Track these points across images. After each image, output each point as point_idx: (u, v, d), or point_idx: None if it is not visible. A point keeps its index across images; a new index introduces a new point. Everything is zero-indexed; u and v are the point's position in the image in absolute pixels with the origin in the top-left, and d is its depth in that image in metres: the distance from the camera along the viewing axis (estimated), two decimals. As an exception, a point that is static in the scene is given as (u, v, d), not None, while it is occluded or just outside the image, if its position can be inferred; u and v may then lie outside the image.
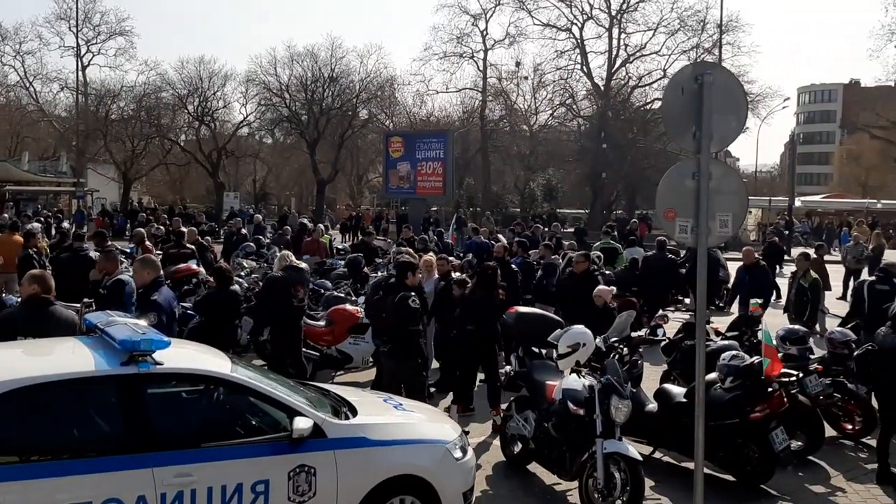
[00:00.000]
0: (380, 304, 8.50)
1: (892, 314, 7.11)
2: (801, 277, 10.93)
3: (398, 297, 7.95)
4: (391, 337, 8.05)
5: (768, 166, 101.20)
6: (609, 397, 6.27)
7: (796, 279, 11.01)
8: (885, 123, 61.16)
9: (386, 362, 8.34)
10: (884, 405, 7.27)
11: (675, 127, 6.03)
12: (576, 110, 47.24)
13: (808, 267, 11.33)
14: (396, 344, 7.95)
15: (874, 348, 7.11)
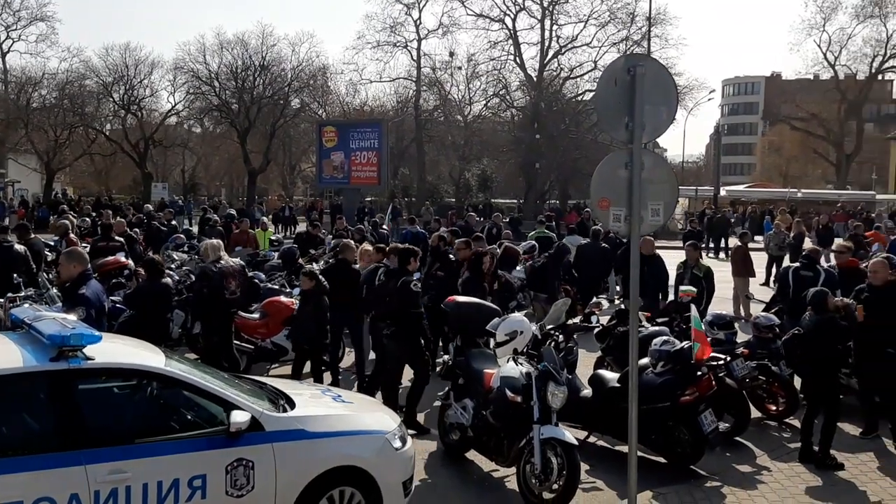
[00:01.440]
0: (382, 290, 8.75)
1: (810, 299, 7.40)
2: (695, 267, 11.23)
3: (401, 282, 8.32)
4: (395, 320, 8.25)
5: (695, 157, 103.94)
6: (546, 384, 6.36)
7: (688, 269, 11.26)
8: (804, 115, 63.51)
9: (389, 345, 8.44)
10: (808, 387, 7.58)
11: (608, 118, 6.13)
12: (509, 101, 47.57)
13: (698, 256, 11.61)
14: (400, 327, 8.21)
15: (800, 332, 7.40)
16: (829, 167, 65.46)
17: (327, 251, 14.41)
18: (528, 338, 7.08)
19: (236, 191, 62.79)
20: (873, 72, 57.84)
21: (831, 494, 6.52)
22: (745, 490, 6.59)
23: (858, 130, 61.03)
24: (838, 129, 59.94)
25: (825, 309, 7.30)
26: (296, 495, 5.19)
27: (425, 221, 22.87)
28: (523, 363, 6.76)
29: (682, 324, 9.03)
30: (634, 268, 6.09)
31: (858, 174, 70.77)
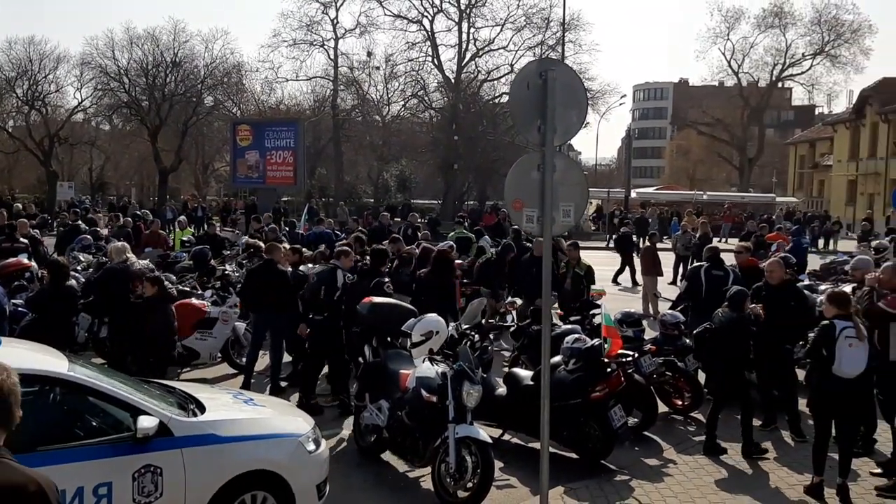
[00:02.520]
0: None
1: (731, 296, 7.68)
2: (576, 266, 11.55)
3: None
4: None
5: (607, 160, 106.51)
6: (461, 383, 6.42)
7: (570, 268, 11.57)
8: (710, 120, 65.95)
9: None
10: (717, 383, 7.88)
11: (521, 120, 6.24)
12: (427, 102, 47.73)
13: (579, 256, 11.93)
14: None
15: (712, 327, 7.67)
16: (733, 170, 68.11)
17: (240, 252, 14.16)
18: (444, 338, 7.14)
19: (147, 190, 60.86)
20: (774, 79, 60.52)
21: (733, 485, 6.80)
22: (652, 483, 6.80)
23: (760, 135, 63.78)
24: (741, 134, 62.49)
25: (741, 308, 7.60)
26: (207, 501, 5.10)
27: (341, 222, 22.71)
28: (439, 363, 6.81)
29: (592, 321, 9.26)
30: (546, 267, 6.21)
31: (760, 177, 73.88)
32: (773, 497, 6.54)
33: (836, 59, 57.29)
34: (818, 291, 10.16)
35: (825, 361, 6.30)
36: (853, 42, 56.56)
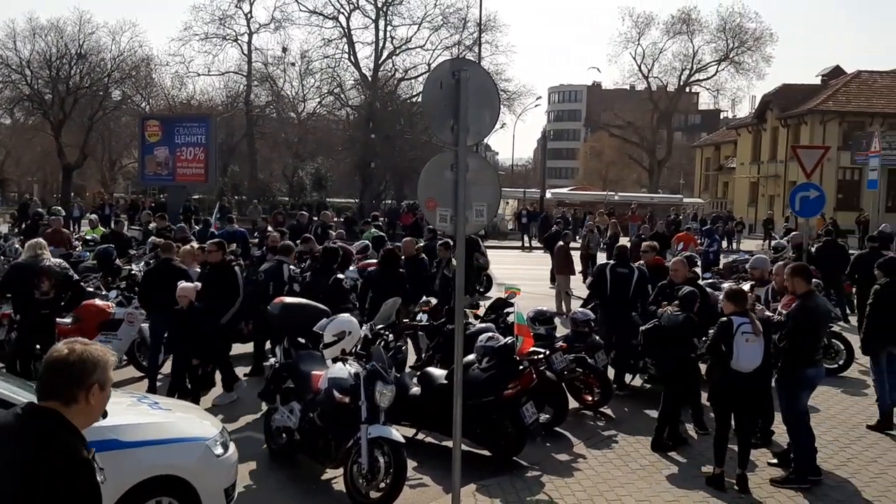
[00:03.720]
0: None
1: (682, 296, 7.82)
2: (445, 267, 11.71)
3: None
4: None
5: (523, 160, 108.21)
6: (374, 384, 6.39)
7: (440, 268, 11.74)
8: (621, 123, 67.79)
9: None
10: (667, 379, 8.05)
11: (434, 119, 6.24)
12: (344, 99, 47.41)
13: (450, 256, 11.99)
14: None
15: (660, 325, 7.80)
16: (644, 172, 70.11)
17: (147, 251, 13.73)
18: (357, 338, 7.09)
19: (50, 187, 58.31)
20: (681, 84, 62.63)
21: (639, 477, 6.98)
22: (562, 478, 6.92)
23: (668, 138, 65.95)
24: (651, 137, 64.45)
25: (691, 308, 7.78)
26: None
27: (253, 220, 22.30)
28: (352, 363, 6.75)
29: (506, 320, 9.36)
30: (460, 267, 6.25)
31: (669, 179, 76.39)
32: (676, 488, 6.74)
33: (740, 65, 59.76)
34: (721, 289, 10.54)
35: (724, 356, 6.55)
36: (755, 49, 59.13)
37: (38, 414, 2.57)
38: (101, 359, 2.67)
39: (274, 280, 9.51)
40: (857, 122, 43.05)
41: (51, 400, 2.59)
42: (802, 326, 6.82)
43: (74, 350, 2.62)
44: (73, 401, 2.59)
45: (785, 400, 7.02)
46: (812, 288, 7.12)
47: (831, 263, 13.86)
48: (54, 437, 2.52)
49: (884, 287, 8.65)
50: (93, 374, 2.62)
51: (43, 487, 2.42)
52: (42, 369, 2.65)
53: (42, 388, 2.62)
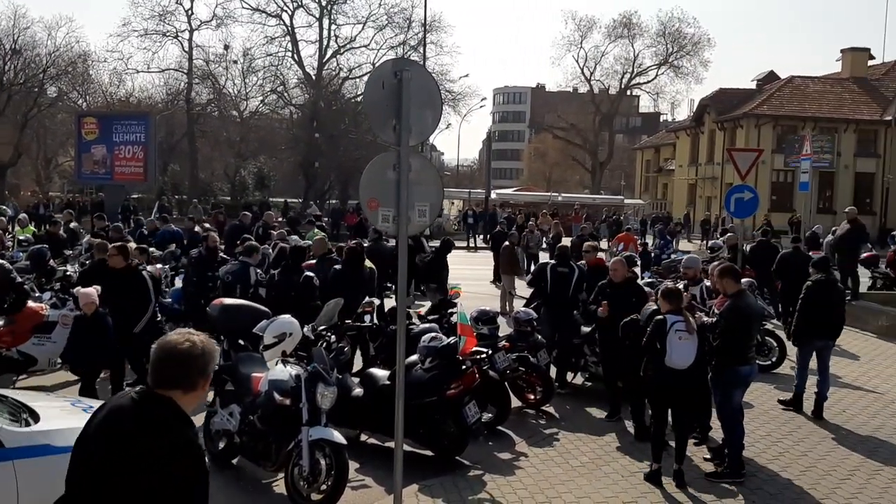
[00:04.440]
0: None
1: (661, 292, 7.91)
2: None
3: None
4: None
5: (469, 161, 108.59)
6: (315, 385, 6.35)
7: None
8: (564, 125, 68.64)
9: None
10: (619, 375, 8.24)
11: (376, 119, 6.23)
12: (287, 98, 46.96)
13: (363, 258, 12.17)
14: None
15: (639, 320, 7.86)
16: (586, 173, 71.10)
17: (83, 252, 13.38)
18: (298, 339, 7.03)
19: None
20: (623, 87, 63.73)
21: (579, 474, 7.08)
22: (504, 477, 6.98)
23: (610, 140, 67.05)
24: (593, 139, 65.42)
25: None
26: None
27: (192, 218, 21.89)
28: (293, 365, 6.69)
29: (449, 320, 9.38)
30: (402, 267, 6.24)
31: (610, 180, 77.59)
32: (615, 484, 6.87)
33: (679, 69, 61.13)
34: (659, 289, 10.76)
35: (659, 354, 6.69)
36: (694, 54, 60.57)
37: (155, 400, 2.75)
38: (216, 351, 2.94)
39: (241, 282, 9.52)
40: (791, 126, 44.36)
41: (169, 388, 2.76)
42: (734, 325, 7.01)
43: (196, 342, 2.81)
44: (193, 389, 2.81)
45: (719, 397, 7.21)
46: (742, 287, 7.33)
47: (765, 263, 14.29)
48: (171, 423, 2.71)
49: (815, 284, 9.05)
50: (210, 365, 2.86)
51: (160, 468, 2.63)
52: (161, 358, 2.79)
53: (160, 377, 2.78)
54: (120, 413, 2.76)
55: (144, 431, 2.67)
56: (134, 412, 2.73)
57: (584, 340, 9.90)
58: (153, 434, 2.67)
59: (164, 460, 2.64)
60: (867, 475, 7.26)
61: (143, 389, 2.81)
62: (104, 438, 2.73)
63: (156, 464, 2.63)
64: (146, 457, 2.63)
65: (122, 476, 2.62)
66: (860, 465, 7.51)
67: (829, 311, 9.06)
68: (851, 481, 7.10)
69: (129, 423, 2.71)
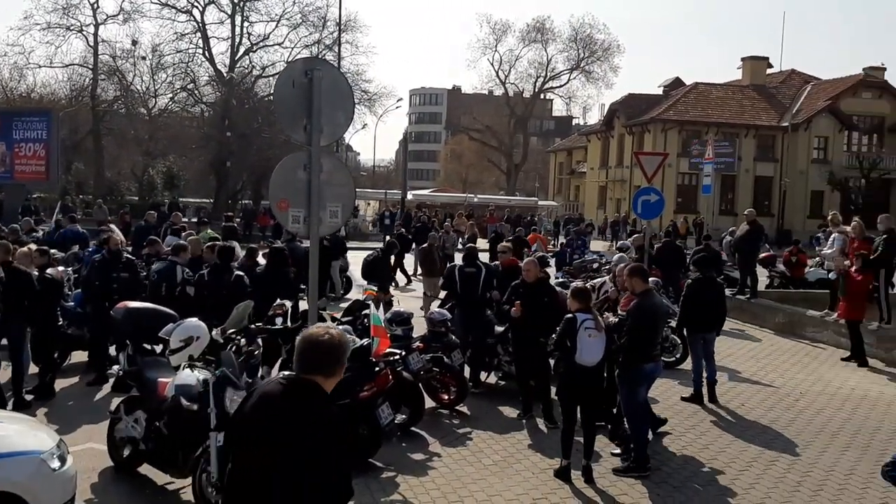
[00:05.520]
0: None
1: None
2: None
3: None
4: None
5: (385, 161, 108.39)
6: (224, 390, 6.21)
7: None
8: (480, 127, 69.33)
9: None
10: None
11: (287, 119, 6.17)
12: (198, 96, 45.76)
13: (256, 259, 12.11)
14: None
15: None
16: (501, 175, 72.00)
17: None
18: (205, 343, 6.84)
19: None
20: (536, 91, 64.84)
21: (489, 473, 7.16)
22: (417, 477, 7.00)
23: (525, 143, 68.11)
24: (508, 141, 66.32)
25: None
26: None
27: (98, 220, 21.14)
28: (200, 369, 6.53)
29: (363, 321, 9.34)
30: (313, 269, 6.19)
31: (525, 182, 78.75)
32: (526, 482, 6.98)
33: (590, 74, 62.66)
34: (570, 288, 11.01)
35: (569, 352, 6.85)
36: (604, 60, 62.21)
37: (302, 384, 3.22)
38: (349, 342, 3.48)
39: (167, 281, 9.60)
40: (695, 131, 46.05)
41: (313, 373, 3.23)
42: (640, 324, 7.23)
43: (334, 335, 3.29)
44: (332, 374, 3.27)
45: (625, 393, 7.42)
46: (649, 287, 7.57)
47: (670, 263, 14.80)
48: (316, 401, 3.21)
49: (695, 282, 9.61)
50: (345, 354, 3.31)
51: (310, 438, 3.11)
52: (305, 349, 3.25)
53: (306, 364, 3.23)
54: (272, 396, 3.22)
55: (296, 409, 3.14)
56: (285, 394, 3.19)
57: (498, 340, 10.03)
58: (303, 411, 3.15)
59: (313, 431, 3.11)
60: (764, 466, 7.61)
61: (290, 375, 3.30)
62: (262, 417, 3.19)
63: (306, 435, 3.10)
64: (299, 430, 3.10)
65: (280, 447, 3.09)
66: (757, 457, 7.86)
67: (710, 307, 9.60)
68: (749, 472, 7.42)
69: (282, 402, 3.17)
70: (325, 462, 3.13)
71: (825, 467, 7.62)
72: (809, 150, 47.95)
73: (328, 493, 3.17)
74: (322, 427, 3.16)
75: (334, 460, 3.18)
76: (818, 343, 13.82)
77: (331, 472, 3.17)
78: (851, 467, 7.63)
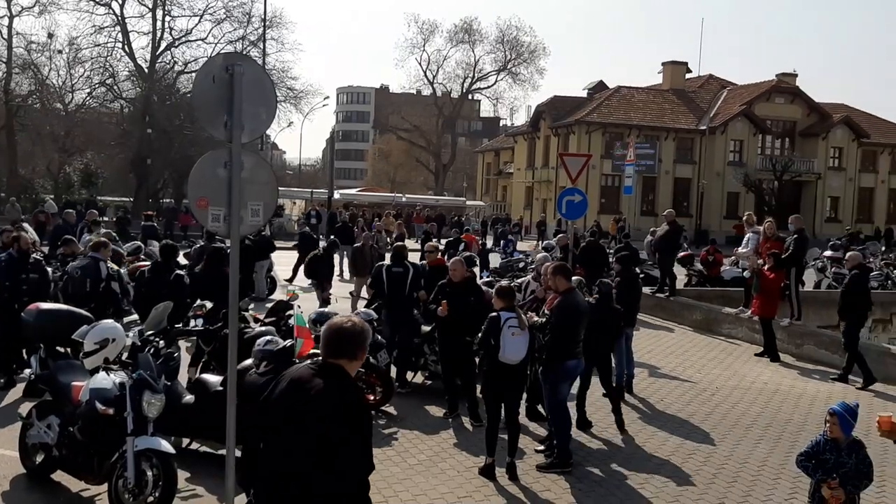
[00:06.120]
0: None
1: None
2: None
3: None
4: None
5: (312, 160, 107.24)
6: (141, 393, 6.05)
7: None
8: (408, 127, 69.31)
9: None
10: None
11: (206, 115, 6.01)
12: (117, 91, 44.40)
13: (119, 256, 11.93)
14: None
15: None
16: (430, 175, 72.12)
17: None
18: (121, 345, 6.64)
19: None
20: (464, 91, 65.20)
21: (415, 472, 7.17)
22: (342, 478, 6.93)
23: (453, 143, 68.43)
24: (437, 141, 66.51)
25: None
26: None
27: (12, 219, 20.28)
28: (117, 373, 6.33)
29: (287, 322, 9.21)
30: (234, 269, 6.06)
31: (453, 182, 79.11)
32: (451, 480, 7.01)
33: (517, 76, 63.37)
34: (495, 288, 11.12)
35: (493, 350, 6.90)
36: (531, 62, 63.00)
37: (329, 367, 3.54)
38: (370, 329, 3.80)
39: (91, 277, 9.37)
40: (617, 133, 47.10)
41: (339, 358, 3.56)
42: (563, 322, 7.35)
43: (356, 323, 3.65)
44: (356, 358, 3.61)
45: (548, 390, 7.52)
46: (572, 285, 7.69)
47: (593, 262, 15.09)
48: (343, 383, 3.53)
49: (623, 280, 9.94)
50: (367, 340, 3.68)
51: (337, 417, 3.40)
52: (332, 336, 3.58)
53: (333, 350, 3.56)
54: (302, 380, 3.53)
55: (326, 390, 3.45)
56: (315, 377, 3.50)
57: (424, 340, 10.04)
58: (333, 391, 3.45)
59: (342, 410, 3.42)
60: (682, 459, 7.83)
61: (317, 361, 3.65)
62: (295, 399, 3.49)
63: (336, 413, 3.40)
64: (329, 408, 3.41)
65: (312, 425, 3.39)
66: (676, 450, 8.09)
67: (631, 303, 9.97)
68: (668, 465, 7.64)
69: (312, 385, 3.48)
70: (352, 437, 3.45)
71: (739, 459, 7.90)
72: (726, 152, 49.64)
73: (355, 467, 3.51)
74: (350, 405, 3.48)
75: (360, 436, 3.50)
76: (733, 339, 14.32)
77: (357, 446, 3.49)
78: (764, 459, 7.93)
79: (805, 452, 5.34)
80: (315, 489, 3.43)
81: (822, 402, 9.95)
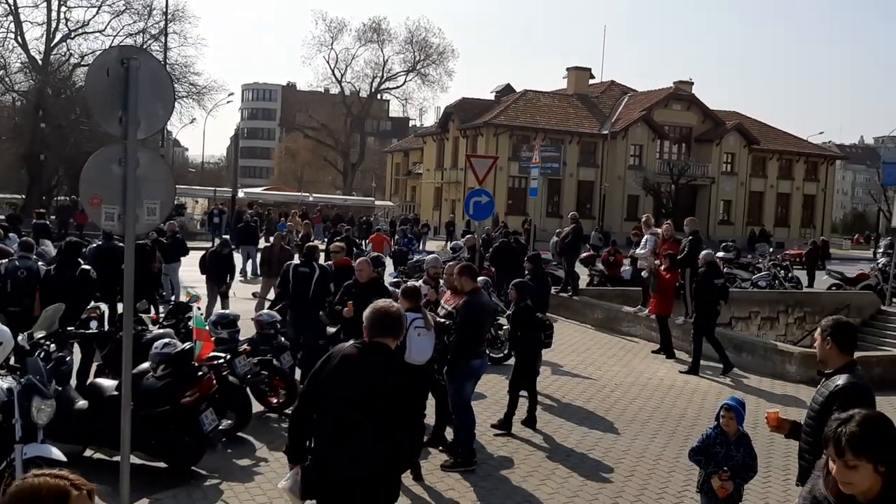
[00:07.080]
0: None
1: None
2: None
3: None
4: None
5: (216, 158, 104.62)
6: (30, 399, 5.77)
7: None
8: (316, 125, 68.57)
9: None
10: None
11: (100, 110, 5.80)
12: (9, 83, 42.13)
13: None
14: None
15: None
16: (338, 174, 71.53)
17: None
18: (9, 349, 6.33)
19: None
20: (373, 91, 64.99)
21: (321, 474, 7.10)
22: (243, 484, 6.80)
23: (361, 143, 68.09)
24: (345, 140, 66.01)
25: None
26: None
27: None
28: (4, 378, 6.03)
29: (187, 324, 8.98)
30: (128, 271, 5.86)
31: (362, 182, 78.71)
32: (357, 481, 6.97)
33: (426, 77, 63.63)
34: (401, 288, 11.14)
35: (399, 350, 6.90)
36: (439, 63, 63.35)
37: (375, 346, 4.03)
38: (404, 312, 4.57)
39: (12, 278, 9.41)
40: (524, 136, 47.89)
41: (384, 337, 4.04)
42: (468, 321, 7.43)
43: (397, 307, 4.25)
44: (396, 337, 4.13)
45: (452, 389, 7.58)
46: (477, 285, 7.78)
47: (506, 262, 15.34)
48: (393, 358, 4.15)
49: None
50: (405, 322, 4.32)
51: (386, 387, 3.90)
52: (377, 318, 4.06)
53: (378, 330, 4.04)
54: (354, 357, 3.99)
55: (376, 364, 3.95)
56: (364, 354, 3.99)
57: (330, 341, 9.93)
58: (382, 365, 3.97)
59: (393, 380, 3.93)
60: (582, 454, 8.03)
61: (363, 340, 4.07)
62: (348, 375, 3.94)
63: (388, 383, 3.89)
64: (381, 380, 3.90)
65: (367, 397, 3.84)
66: (577, 445, 8.29)
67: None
68: (569, 460, 7.82)
69: (361, 360, 3.96)
70: (402, 406, 3.91)
71: (636, 454, 8.16)
72: (626, 157, 51.25)
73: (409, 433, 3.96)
74: (399, 376, 3.98)
75: (411, 403, 4.05)
76: (632, 337, 14.79)
77: (408, 413, 3.97)
78: (659, 453, 8.22)
79: (696, 447, 5.55)
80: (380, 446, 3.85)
81: (714, 397, 10.41)
